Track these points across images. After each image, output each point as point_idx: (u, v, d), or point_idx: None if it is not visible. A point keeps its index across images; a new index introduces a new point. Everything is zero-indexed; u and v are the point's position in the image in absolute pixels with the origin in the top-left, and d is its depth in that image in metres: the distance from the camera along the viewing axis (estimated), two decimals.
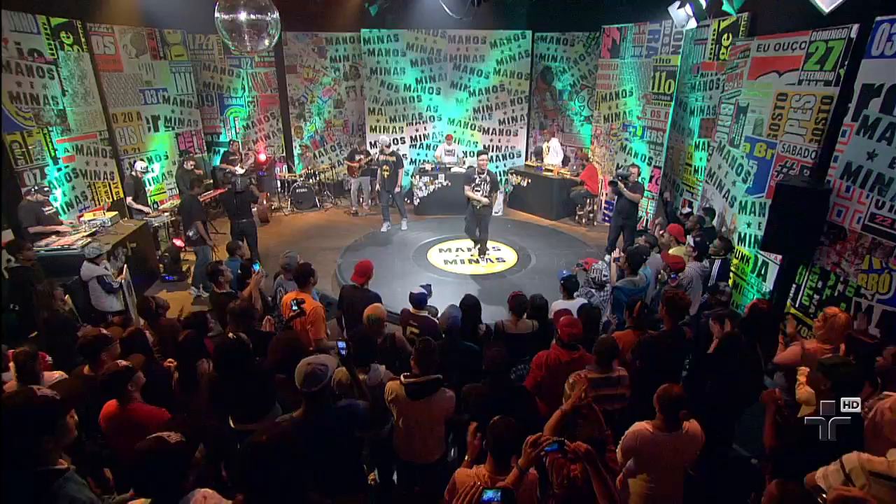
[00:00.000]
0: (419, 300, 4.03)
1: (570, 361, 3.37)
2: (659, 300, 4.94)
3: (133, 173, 7.61)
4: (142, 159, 8.13)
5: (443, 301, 6.29)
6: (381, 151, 8.76)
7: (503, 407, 2.85)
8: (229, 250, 5.56)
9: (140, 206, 7.59)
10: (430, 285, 4.32)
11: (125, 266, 5.83)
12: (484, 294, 6.56)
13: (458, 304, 3.82)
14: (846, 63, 4.44)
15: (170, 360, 3.51)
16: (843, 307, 4.27)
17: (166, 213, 7.72)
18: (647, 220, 8.70)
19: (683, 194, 8.21)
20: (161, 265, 7.22)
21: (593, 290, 4.75)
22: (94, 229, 6.27)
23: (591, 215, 9.65)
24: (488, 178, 7.13)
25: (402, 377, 2.88)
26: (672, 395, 2.50)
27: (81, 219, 6.69)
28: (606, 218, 9.63)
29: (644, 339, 3.31)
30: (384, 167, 8.71)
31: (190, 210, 6.92)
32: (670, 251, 5.55)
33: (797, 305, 4.93)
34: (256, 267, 4.69)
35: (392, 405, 2.92)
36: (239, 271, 4.95)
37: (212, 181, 9.74)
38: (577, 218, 9.82)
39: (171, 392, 3.36)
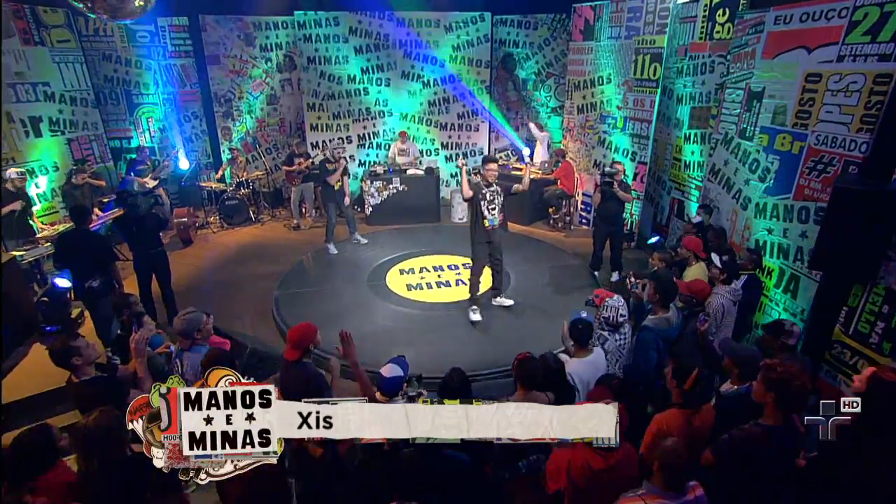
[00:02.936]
0: (391, 386, 2.70)
1: (607, 469, 2.26)
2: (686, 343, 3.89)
3: (9, 186, 5.88)
4: (16, 167, 6.38)
5: (412, 341, 5.07)
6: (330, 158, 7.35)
7: None
8: (115, 308, 4.02)
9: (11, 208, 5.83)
10: (403, 358, 2.91)
11: None
12: (464, 332, 5.38)
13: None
14: None
15: None
16: None
17: (47, 245, 6.00)
18: (631, 223, 7.75)
19: (672, 192, 7.32)
20: (39, 313, 5.53)
21: (606, 335, 3.62)
22: None
23: (568, 218, 8.61)
24: (499, 190, 5.34)
25: None
26: None
27: None
28: (583, 220, 8.64)
29: (735, 442, 2.17)
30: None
31: (100, 252, 4.97)
32: (689, 270, 4.53)
33: (850, 333, 4.01)
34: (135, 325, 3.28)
35: None
36: (119, 331, 3.51)
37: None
38: (551, 222, 8.74)
39: None
